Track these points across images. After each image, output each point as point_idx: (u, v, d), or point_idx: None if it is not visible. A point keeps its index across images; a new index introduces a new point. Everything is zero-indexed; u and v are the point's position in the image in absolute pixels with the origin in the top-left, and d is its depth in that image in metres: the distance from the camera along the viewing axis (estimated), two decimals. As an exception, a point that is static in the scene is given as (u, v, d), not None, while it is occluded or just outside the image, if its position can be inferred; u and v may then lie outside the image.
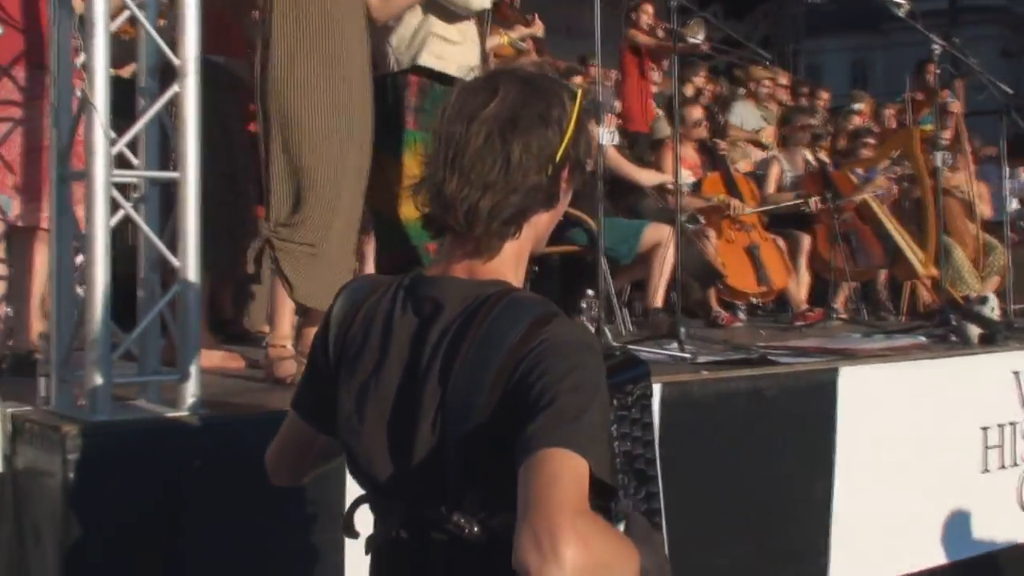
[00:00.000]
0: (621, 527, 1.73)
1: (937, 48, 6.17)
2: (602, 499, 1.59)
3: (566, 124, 1.75)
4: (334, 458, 1.96)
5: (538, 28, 5.53)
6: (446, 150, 1.73)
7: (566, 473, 1.48)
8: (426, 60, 4.61)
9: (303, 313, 3.82)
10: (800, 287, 7.06)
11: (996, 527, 5.17)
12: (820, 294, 7.26)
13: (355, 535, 1.93)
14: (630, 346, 4.59)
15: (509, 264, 1.77)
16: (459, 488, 1.66)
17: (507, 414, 1.59)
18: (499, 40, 5.61)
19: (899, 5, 6.02)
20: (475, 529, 1.66)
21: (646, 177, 6.64)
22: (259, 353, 4.06)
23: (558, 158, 1.74)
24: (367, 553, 1.86)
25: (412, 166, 4.18)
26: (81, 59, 3.10)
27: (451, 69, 4.69)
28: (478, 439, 1.62)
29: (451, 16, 4.63)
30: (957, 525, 4.97)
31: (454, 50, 4.68)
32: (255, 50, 3.81)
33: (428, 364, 1.68)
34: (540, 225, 1.81)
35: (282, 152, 3.69)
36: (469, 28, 4.76)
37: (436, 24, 4.59)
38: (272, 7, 3.74)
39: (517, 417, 1.56)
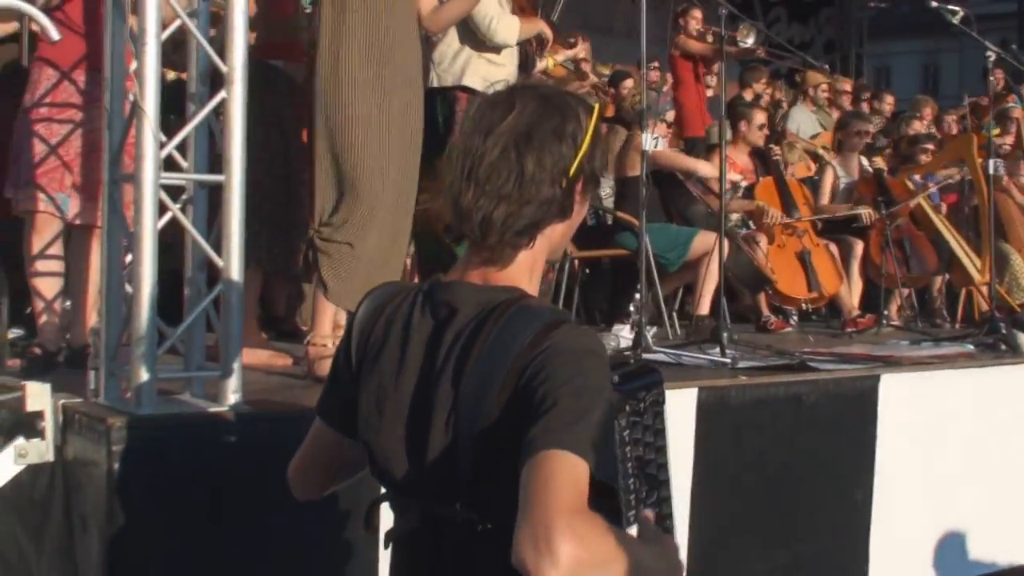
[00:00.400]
0: (634, 530, 1.79)
1: (991, 55, 6.10)
2: (605, 500, 1.65)
3: (581, 139, 1.80)
4: (357, 472, 2.01)
5: (581, 50, 5.61)
6: (463, 162, 1.79)
7: (564, 474, 1.53)
8: (471, 81, 4.69)
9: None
10: (852, 293, 7.02)
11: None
12: (876, 300, 7.22)
13: (375, 530, 2.00)
14: (673, 350, 4.63)
15: (523, 272, 1.83)
16: (471, 486, 1.71)
17: (514, 416, 1.65)
18: (546, 63, 5.70)
19: (954, 12, 5.99)
20: (487, 526, 1.72)
21: (704, 167, 6.66)
22: (306, 351, 4.16)
23: (572, 172, 1.79)
24: (386, 547, 1.92)
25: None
26: (135, 65, 3.21)
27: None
28: (488, 439, 1.68)
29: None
30: (1001, 534, 4.94)
31: (499, 72, 4.76)
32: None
33: (442, 366, 1.75)
34: (554, 235, 1.86)
35: (327, 154, 3.78)
36: (514, 52, 4.83)
37: (480, 45, 4.68)
38: (320, 14, 3.83)
39: (522, 419, 1.62)
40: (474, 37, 4.70)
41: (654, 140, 4.74)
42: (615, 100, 7.71)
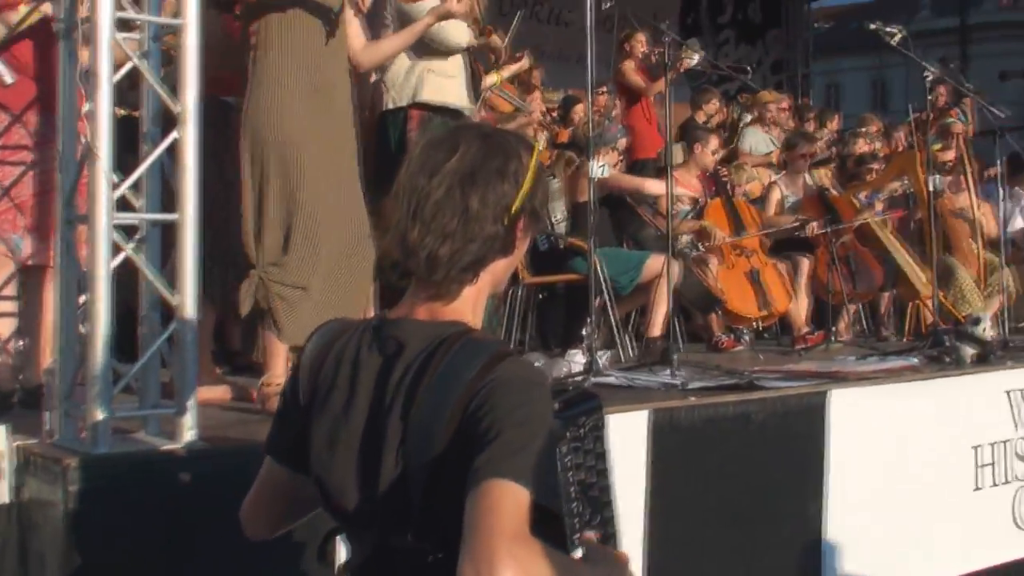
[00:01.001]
0: (579, 553, 1.86)
1: (930, 75, 6.25)
2: (550, 526, 1.71)
3: (522, 178, 1.88)
4: (310, 510, 2.04)
5: (525, 63, 5.67)
6: (409, 201, 1.86)
7: (506, 502, 1.60)
8: (426, 95, 4.76)
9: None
10: (801, 310, 7.13)
11: (990, 544, 5.24)
12: (825, 316, 7.34)
13: (329, 564, 2.05)
14: (624, 373, 4.70)
15: (468, 306, 1.90)
16: (422, 516, 1.77)
17: (461, 447, 1.71)
18: (493, 79, 5.77)
19: (892, 34, 6.13)
20: (438, 555, 1.77)
21: (651, 186, 6.74)
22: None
23: (514, 210, 1.87)
24: (340, 579, 1.98)
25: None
26: (87, 107, 3.25)
27: (451, 100, 4.85)
28: (437, 470, 1.74)
29: (441, 52, 4.79)
30: (950, 543, 5.04)
31: (452, 84, 4.84)
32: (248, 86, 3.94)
33: (391, 400, 1.80)
34: (497, 271, 1.93)
35: (276, 193, 3.81)
36: (463, 64, 4.92)
37: (430, 61, 4.75)
38: (264, 48, 3.89)
39: (469, 450, 1.68)
40: (426, 48, 4.78)
41: (601, 168, 4.82)
42: (569, 126, 7.80)
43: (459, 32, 4.81)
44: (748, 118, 9.44)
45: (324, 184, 3.84)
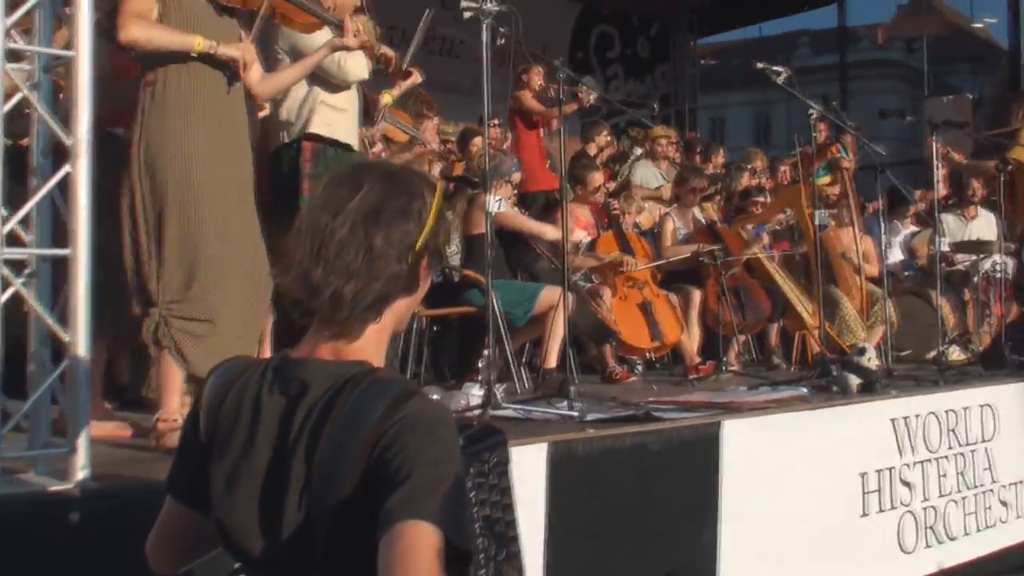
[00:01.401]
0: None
1: (814, 113, 6.45)
2: (460, 564, 1.72)
3: (426, 216, 1.89)
4: (215, 547, 2.00)
5: (416, 78, 5.63)
6: (312, 239, 1.85)
7: (421, 544, 1.60)
8: (317, 128, 4.77)
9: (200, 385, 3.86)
10: (691, 341, 7.26)
11: (876, 569, 5.38)
12: (715, 347, 7.48)
13: (229, 606, 2.02)
14: (522, 405, 4.73)
15: (371, 345, 1.90)
16: (326, 558, 1.75)
17: (368, 487, 1.70)
18: (386, 99, 5.73)
19: (778, 73, 6.31)
20: (342, 598, 1.77)
21: (550, 232, 6.80)
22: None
23: (417, 248, 1.88)
24: (241, 620, 1.95)
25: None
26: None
27: (341, 136, 4.86)
28: (343, 512, 1.73)
29: (336, 86, 4.80)
30: (840, 568, 5.16)
31: (342, 118, 4.86)
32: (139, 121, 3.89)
33: (295, 441, 1.79)
34: (400, 309, 1.94)
35: (177, 222, 3.76)
36: (355, 97, 4.93)
37: (323, 93, 4.76)
38: (163, 83, 3.85)
39: (378, 490, 1.67)
40: (323, 81, 4.78)
41: (497, 201, 4.86)
42: (465, 159, 7.83)
43: (358, 68, 4.82)
44: (639, 151, 9.59)
45: (226, 215, 3.82)
